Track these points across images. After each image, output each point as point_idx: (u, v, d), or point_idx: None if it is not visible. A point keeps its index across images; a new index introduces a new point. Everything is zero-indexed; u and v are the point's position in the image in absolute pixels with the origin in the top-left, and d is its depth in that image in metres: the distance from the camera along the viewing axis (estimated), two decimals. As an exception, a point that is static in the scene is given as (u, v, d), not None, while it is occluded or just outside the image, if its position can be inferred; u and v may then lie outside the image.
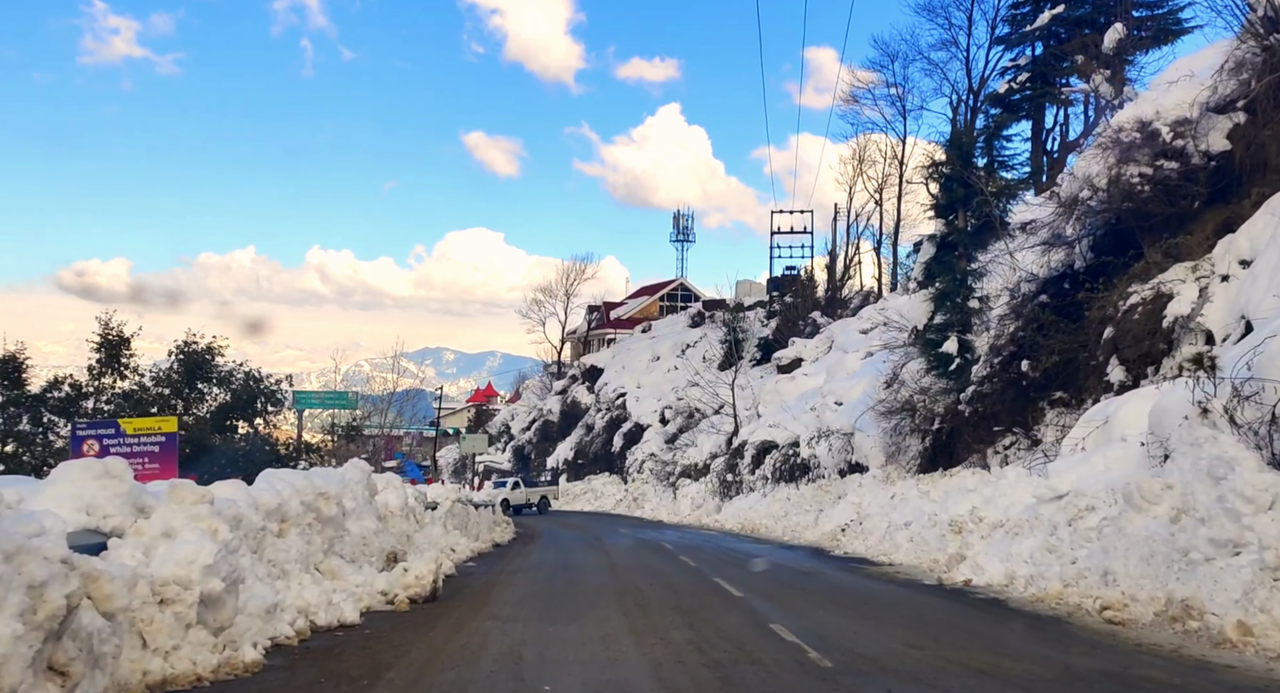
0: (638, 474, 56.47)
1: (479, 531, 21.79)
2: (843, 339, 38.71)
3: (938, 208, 24.30)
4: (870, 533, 21.97)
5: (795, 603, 12.50)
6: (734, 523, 31.87)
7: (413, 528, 15.78)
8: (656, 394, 61.91)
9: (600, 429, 65.14)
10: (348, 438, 31.58)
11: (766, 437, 34.03)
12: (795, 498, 29.27)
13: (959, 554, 16.59)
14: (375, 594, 11.16)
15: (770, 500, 30.91)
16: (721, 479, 36.66)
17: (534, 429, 75.78)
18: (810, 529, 25.92)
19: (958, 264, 23.69)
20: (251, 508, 9.58)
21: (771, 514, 29.67)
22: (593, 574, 15.87)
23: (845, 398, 30.25)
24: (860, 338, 37.34)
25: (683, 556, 19.93)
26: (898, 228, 49.89)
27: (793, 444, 31.84)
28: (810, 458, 30.23)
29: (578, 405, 71.54)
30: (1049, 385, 20.95)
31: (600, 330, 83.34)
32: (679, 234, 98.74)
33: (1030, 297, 21.34)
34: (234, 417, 25.00)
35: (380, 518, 13.72)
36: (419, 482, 63.77)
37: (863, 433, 27.46)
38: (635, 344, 71.18)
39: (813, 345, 42.97)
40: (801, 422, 31.98)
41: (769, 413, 36.22)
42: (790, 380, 37.43)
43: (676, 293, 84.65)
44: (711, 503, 37.34)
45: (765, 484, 32.93)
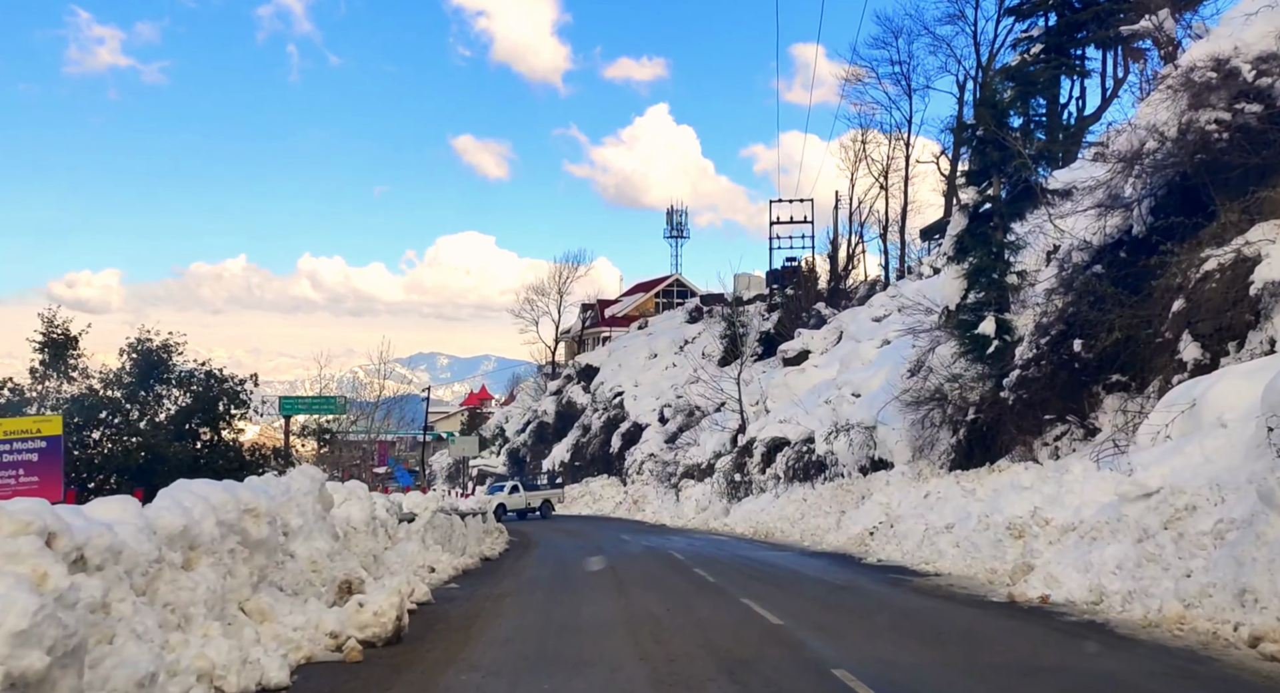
0: (637, 476, 53.97)
1: (465, 543, 19.27)
2: (854, 328, 36.24)
3: (969, 175, 21.81)
4: (905, 537, 19.47)
5: (850, 633, 9.99)
6: (745, 527, 29.34)
7: (382, 546, 13.24)
8: (655, 392, 59.41)
9: (597, 430, 62.61)
10: (320, 441, 28.91)
11: (777, 433, 31.53)
12: (812, 499, 26.77)
13: (1025, 564, 14.10)
14: (321, 638, 8.63)
15: (784, 502, 28.40)
16: (729, 479, 34.15)
17: (529, 431, 73.19)
18: (833, 533, 23.41)
19: (993, 236, 21.21)
20: (142, 534, 7.04)
21: (786, 517, 27.17)
22: (597, 597, 13.34)
23: (863, 389, 27.77)
24: (873, 326, 34.89)
25: (697, 568, 17.41)
26: (905, 212, 47.46)
27: (807, 440, 29.34)
28: (827, 455, 27.73)
29: (574, 406, 68.99)
30: (1105, 368, 18.45)
31: (595, 329, 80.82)
32: (673, 230, 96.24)
33: (1082, 267, 18.85)
34: (195, 422, 22.39)
35: (338, 536, 11.18)
36: (410, 488, 61.19)
37: (886, 426, 24.97)
38: (632, 341, 68.66)
39: (820, 337, 40.51)
40: (815, 416, 29.49)
41: (778, 408, 33.75)
42: (800, 373, 34.96)
43: (673, 289, 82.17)
44: (718, 505, 34.82)
45: (777, 484, 30.43)
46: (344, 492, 12.37)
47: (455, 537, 18.17)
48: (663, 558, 20.58)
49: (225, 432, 23.12)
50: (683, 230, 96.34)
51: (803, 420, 29.52)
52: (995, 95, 21.59)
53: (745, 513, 30.94)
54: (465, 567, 17.12)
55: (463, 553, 18.51)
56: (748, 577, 16.17)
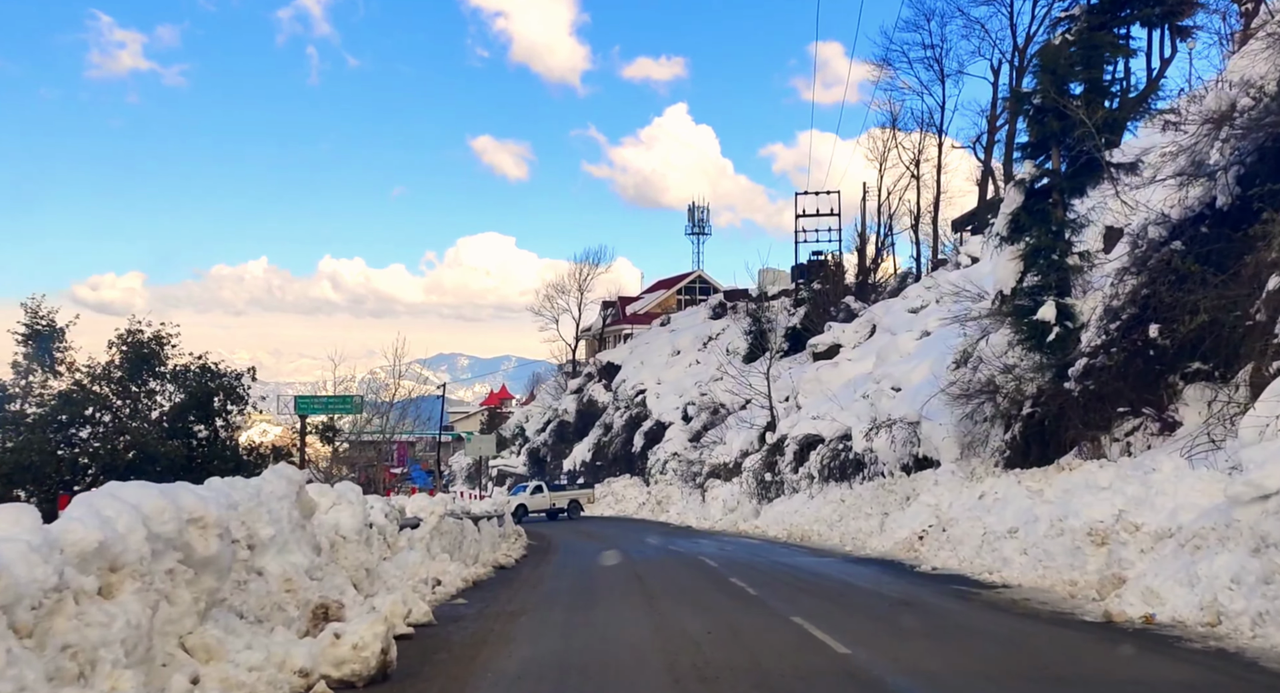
0: (660, 476, 52.19)
1: (478, 550, 17.55)
2: (888, 321, 34.33)
3: (1026, 148, 19.90)
4: (960, 542, 17.60)
5: (939, 670, 8.16)
6: (777, 529, 27.50)
7: (378, 557, 11.52)
8: (678, 390, 57.59)
9: (619, 429, 60.85)
10: (325, 440, 27.23)
11: (810, 430, 29.67)
12: (851, 499, 24.90)
13: (1114, 576, 12.23)
14: (286, 678, 6.90)
15: (820, 503, 26.54)
16: (759, 479, 32.31)
17: (549, 431, 71.55)
18: (876, 537, 21.55)
19: (1053, 213, 19.28)
20: (35, 555, 5.35)
21: (823, 519, 25.31)
22: (624, 615, 11.56)
23: (904, 383, 25.88)
24: (910, 318, 32.95)
25: (734, 577, 15.61)
26: (937, 201, 45.41)
27: (843, 437, 27.47)
28: (866, 453, 25.84)
29: (594, 404, 67.29)
30: (1185, 355, 16.52)
31: (616, 326, 79.10)
32: (694, 226, 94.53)
33: (1159, 243, 16.92)
34: (190, 419, 20.80)
35: (320, 548, 9.46)
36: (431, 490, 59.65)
37: (931, 422, 23.08)
38: (654, 338, 66.87)
39: (852, 330, 38.61)
40: (852, 412, 27.62)
41: (810, 403, 31.89)
42: (833, 367, 33.09)
43: (695, 285, 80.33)
44: (748, 506, 32.98)
45: (811, 484, 28.57)
46: (332, 495, 10.64)
47: (466, 544, 16.45)
48: (693, 565, 18.79)
49: (223, 429, 21.53)
50: (704, 227, 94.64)
51: (838, 417, 27.65)
52: (1058, 59, 19.65)
53: (777, 515, 29.10)
54: (477, 577, 15.38)
55: (475, 562, 16.79)
56: (793, 588, 14.36)
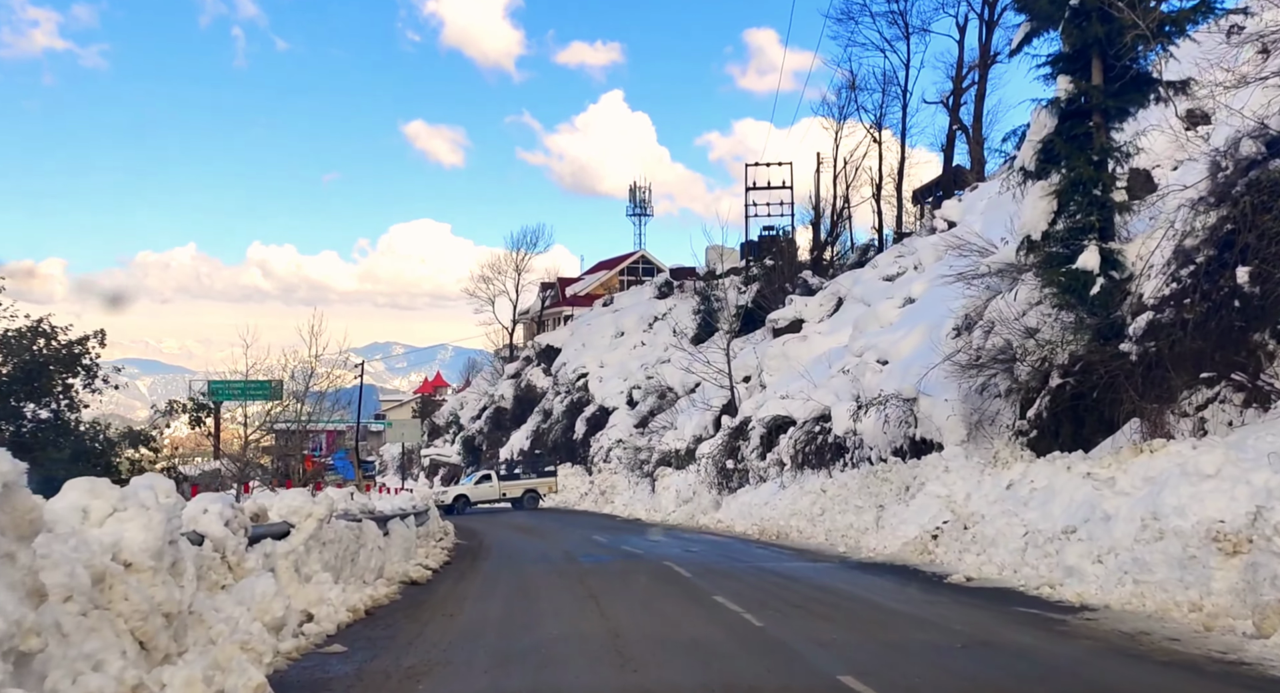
0: (604, 464, 48.20)
1: (381, 562, 13.39)
2: (859, 291, 30.74)
3: (1060, 60, 16.16)
4: (992, 544, 13.90)
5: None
6: (745, 524, 23.68)
7: (203, 592, 7.34)
8: (622, 373, 53.61)
9: (559, 415, 56.68)
10: (194, 422, 22.63)
11: (778, 411, 25.91)
12: (834, 490, 21.15)
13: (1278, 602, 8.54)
14: None
15: (795, 493, 22.77)
16: (719, 467, 28.48)
17: (485, 418, 67.06)
18: (872, 534, 17.79)
19: (1095, 139, 15.61)
20: None
21: (801, 512, 21.54)
22: (581, 671, 7.52)
23: (891, 355, 22.19)
24: (886, 286, 29.37)
25: (719, 595, 11.67)
26: (902, 166, 41.92)
27: (819, 419, 23.74)
28: (849, 435, 22.13)
29: (533, 390, 63.01)
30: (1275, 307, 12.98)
31: (555, 309, 74.81)
32: (636, 207, 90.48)
33: (1249, 163, 13.30)
34: (21, 394, 16.29)
35: (42, 594, 5.26)
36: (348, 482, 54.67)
37: (930, 398, 19.40)
38: (596, 319, 62.74)
39: (816, 303, 34.99)
40: (829, 389, 23.89)
41: (777, 381, 28.16)
42: (801, 341, 29.39)
43: (638, 266, 76.27)
44: (707, 497, 29.14)
45: (782, 472, 24.81)
46: (110, 497, 6.48)
47: (363, 556, 12.28)
48: (659, 574, 14.83)
49: (69, 408, 17.01)
50: (646, 208, 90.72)
51: (813, 395, 23.89)
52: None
53: (743, 507, 25.29)
54: (374, 602, 11.23)
55: (376, 578, 12.64)
56: (801, 611, 10.45)
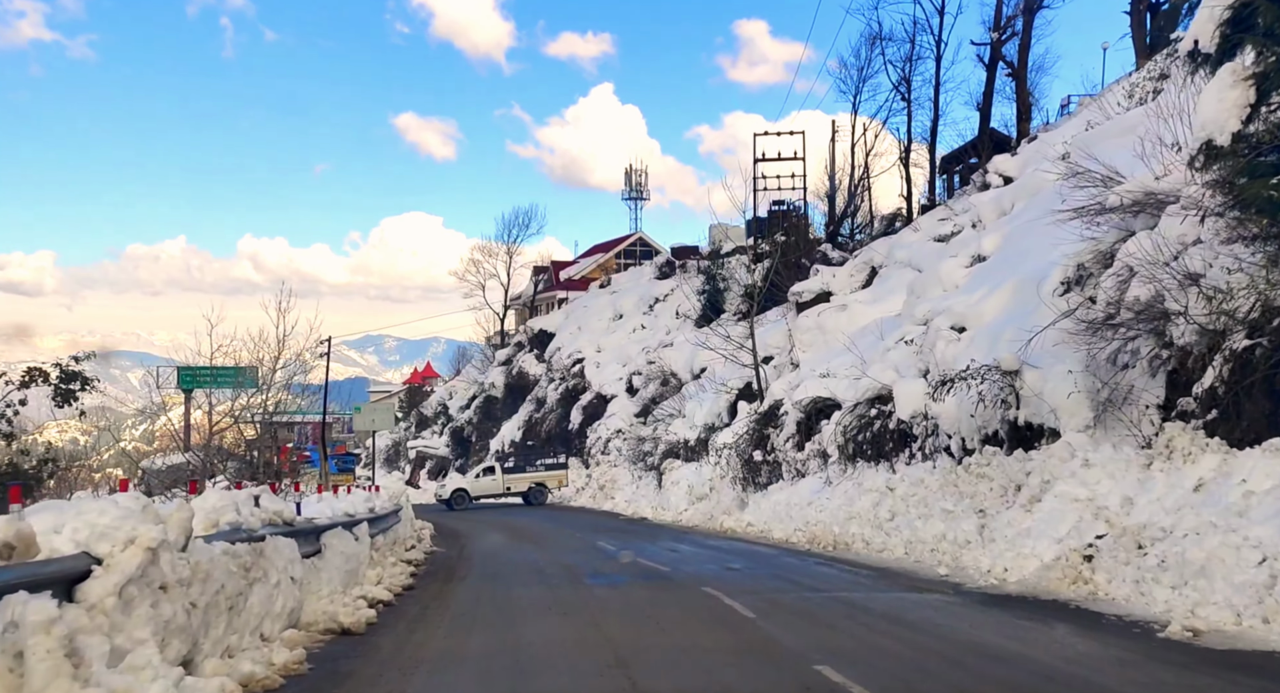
0: (603, 456, 43.55)
1: (295, 603, 8.73)
2: (903, 254, 26.09)
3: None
4: (1202, 573, 9.30)
5: None
6: (784, 528, 18.99)
7: None
8: (621, 358, 48.91)
9: (554, 404, 51.94)
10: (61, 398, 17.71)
11: (819, 392, 21.26)
12: (905, 488, 16.49)
13: None
14: None
15: (849, 492, 18.10)
16: (744, 459, 23.79)
17: (474, 408, 62.22)
18: (978, 550, 13.12)
19: (1315, -1, 10.98)
20: None
21: (859, 516, 16.87)
22: None
23: (970, 319, 17.52)
24: (939, 248, 24.74)
25: (825, 664, 6.99)
26: (936, 126, 37.18)
27: (876, 400, 19.07)
28: (917, 420, 17.48)
29: (525, 377, 58.23)
30: None
31: (548, 293, 70.05)
32: (632, 191, 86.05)
33: None
34: None
35: None
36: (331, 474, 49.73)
37: (1037, 370, 14.73)
38: (593, 301, 58.02)
39: (845, 273, 30.33)
40: (887, 364, 19.22)
41: (812, 358, 23.52)
42: (839, 312, 24.67)
43: (635, 249, 71.55)
44: (728, 494, 24.47)
45: (826, 464, 20.16)
46: None
47: (258, 600, 7.57)
48: (706, 611, 10.12)
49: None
50: (642, 192, 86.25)
51: (867, 371, 19.20)
52: None
53: (777, 507, 20.63)
54: (260, 687, 6.55)
55: (282, 631, 7.93)
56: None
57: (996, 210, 23.51)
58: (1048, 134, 26.49)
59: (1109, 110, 21.79)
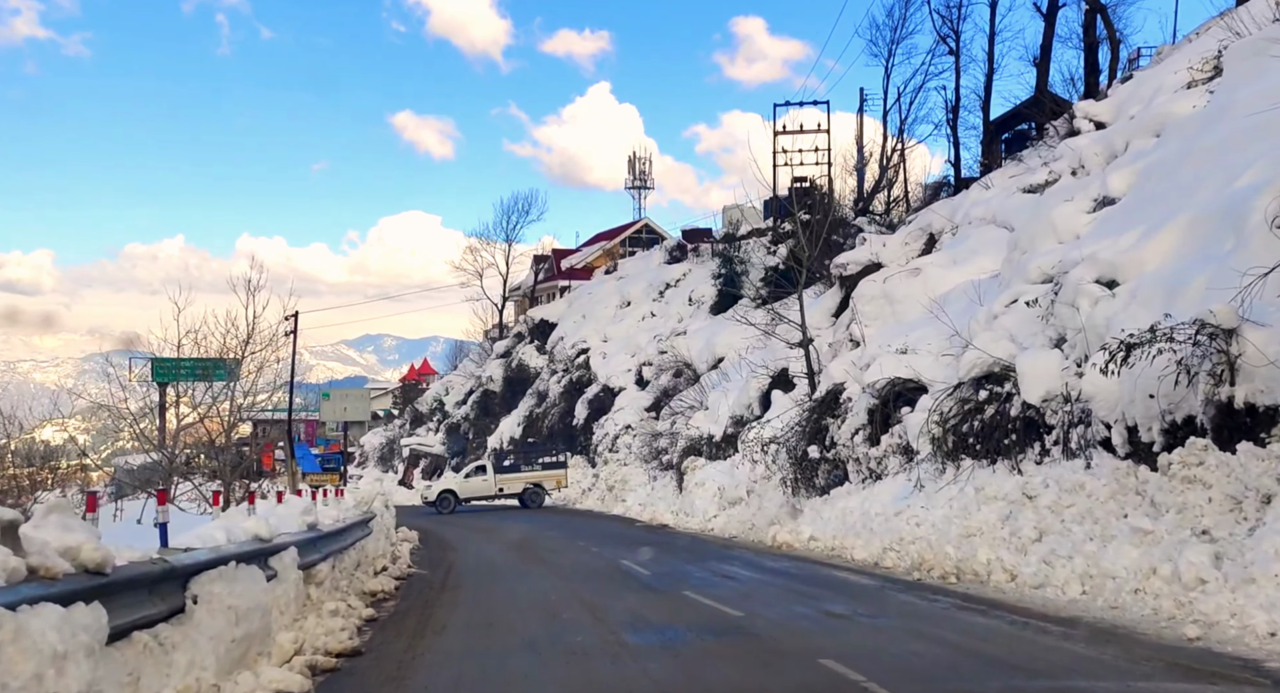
0: (611, 454, 38.91)
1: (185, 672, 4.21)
2: (980, 211, 21.45)
3: None
4: None
5: None
6: (869, 547, 14.28)
7: None
8: (630, 348, 44.28)
9: (556, 397, 47.28)
10: None
11: (898, 371, 16.61)
12: (1051, 496, 11.80)
13: None
14: None
15: (961, 499, 13.38)
16: (794, 457, 19.09)
17: (471, 403, 57.51)
18: (1219, 594, 8.43)
19: None
20: None
21: (981, 533, 12.19)
22: None
23: (1124, 270, 12.85)
24: (1032, 199, 20.12)
25: None
26: (990, 81, 32.49)
27: (985, 379, 14.40)
28: (1055, 403, 12.82)
29: (525, 370, 53.54)
30: None
31: (549, 283, 65.31)
32: (635, 179, 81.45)
33: None
34: None
35: None
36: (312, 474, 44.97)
37: (1266, 329, 10.08)
38: (598, 288, 53.35)
39: (898, 241, 25.72)
40: (998, 333, 14.55)
41: (878, 334, 18.88)
42: (912, 277, 19.92)
43: (640, 236, 66.80)
44: (774, 499, 19.80)
45: (913, 464, 15.48)
46: None
47: None
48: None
49: None
50: (646, 180, 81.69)
51: (980, 344, 14.49)
52: None
53: (846, 517, 15.95)
54: None
55: None
56: None
57: (1104, 152, 18.92)
58: (1152, 70, 21.85)
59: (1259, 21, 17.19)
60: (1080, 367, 12.61)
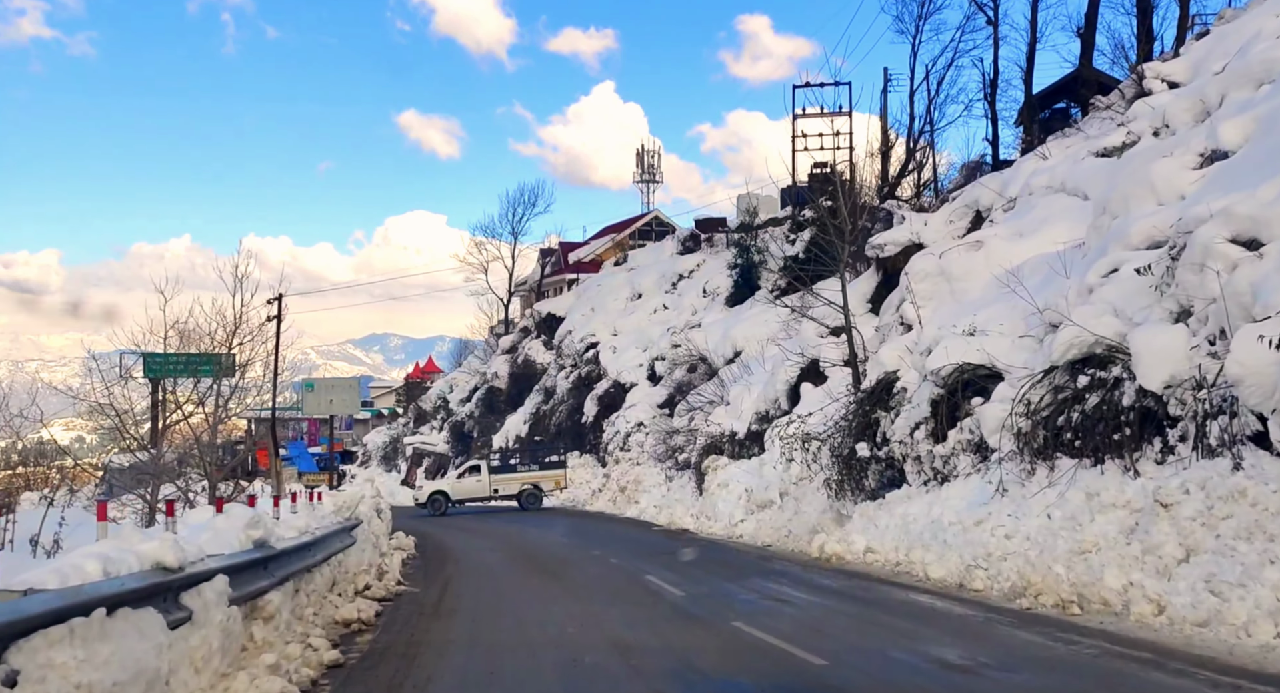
0: (622, 453, 36.50)
1: None
2: (1045, 180, 18.98)
3: None
4: None
5: None
6: (945, 563, 11.82)
7: None
8: (641, 342, 41.84)
9: (564, 394, 44.87)
10: None
11: (967, 356, 14.15)
12: (1196, 504, 9.30)
13: None
14: None
15: (1066, 507, 10.89)
16: (839, 456, 16.62)
17: (476, 400, 55.12)
18: None
19: None
20: None
21: (1098, 549, 9.73)
22: None
23: (1273, 225, 10.44)
24: (1104, 164, 17.62)
25: None
26: (1032, 51, 29.92)
27: (1084, 362, 11.91)
28: (1179, 390, 10.35)
29: (532, 365, 51.13)
30: None
31: (557, 276, 62.87)
32: (644, 173, 79.08)
33: None
34: None
35: None
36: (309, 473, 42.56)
37: None
38: (608, 280, 50.89)
39: (940, 220, 23.27)
40: (1098, 307, 12.06)
41: (935, 316, 16.44)
42: (973, 251, 17.32)
43: (650, 229, 64.26)
44: (815, 504, 17.34)
45: (989, 463, 13.02)
46: None
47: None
48: None
49: None
50: (655, 173, 79.33)
51: (1083, 319, 11.96)
52: None
53: (909, 525, 13.50)
54: None
55: None
56: None
57: (1194, 108, 16.46)
58: (1234, 24, 19.35)
59: None
60: (1214, 345, 10.14)
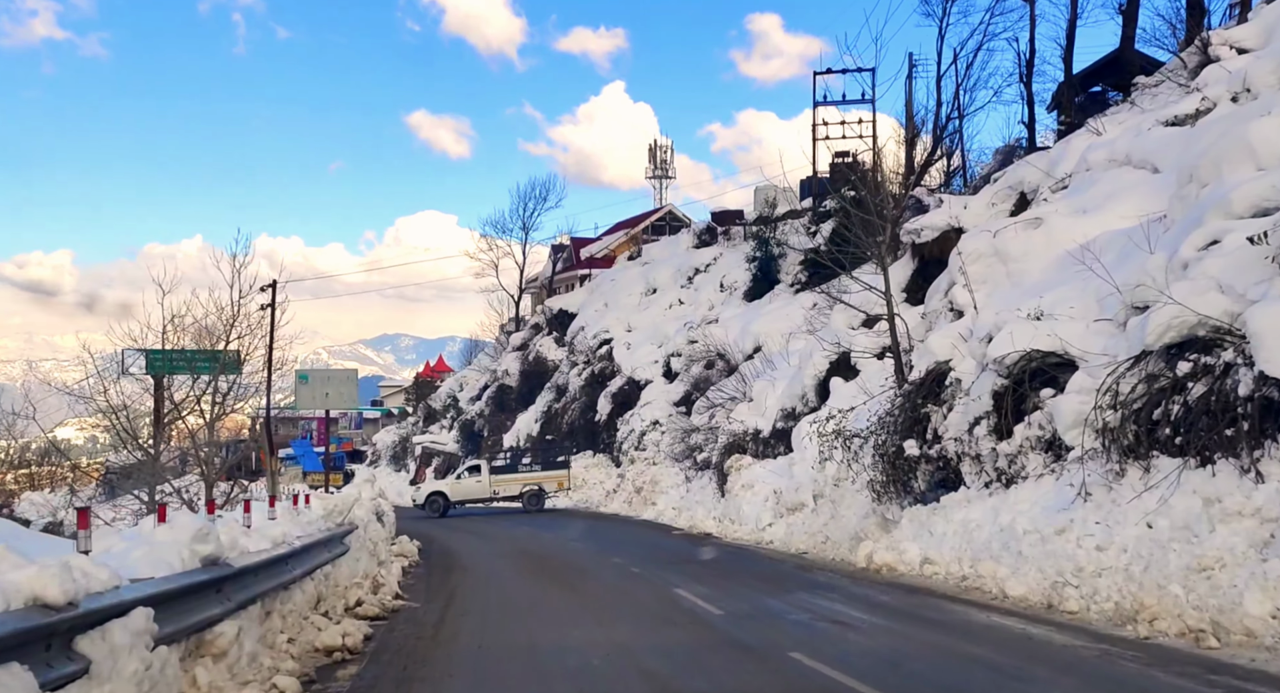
0: (637, 452, 34.90)
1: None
2: (1103, 155, 17.26)
3: None
4: None
5: None
6: (1022, 579, 10.18)
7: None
8: (656, 338, 40.19)
9: (576, 391, 43.24)
10: None
11: (1033, 344, 12.48)
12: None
13: None
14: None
15: (1174, 514, 9.25)
16: (884, 455, 14.95)
17: (486, 399, 53.54)
18: None
19: None
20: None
21: (1221, 567, 8.14)
22: None
23: None
24: (1181, 132, 15.92)
25: None
26: (1073, 28, 28.11)
27: (1182, 347, 10.24)
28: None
29: (544, 363, 49.51)
30: None
31: (569, 272, 61.28)
32: (657, 168, 77.52)
33: None
34: None
35: None
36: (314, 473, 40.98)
37: None
38: (621, 275, 49.27)
39: (981, 203, 21.60)
40: (1199, 283, 10.42)
41: (991, 299, 14.75)
42: (1032, 230, 15.50)
43: (664, 224, 62.64)
44: (856, 507, 15.68)
45: (1063, 463, 11.35)
46: None
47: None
48: None
49: None
50: (667, 169, 77.74)
51: (1181, 297, 10.25)
52: None
53: (972, 534, 11.85)
54: None
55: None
56: None
57: (1277, 71, 14.77)
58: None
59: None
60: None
